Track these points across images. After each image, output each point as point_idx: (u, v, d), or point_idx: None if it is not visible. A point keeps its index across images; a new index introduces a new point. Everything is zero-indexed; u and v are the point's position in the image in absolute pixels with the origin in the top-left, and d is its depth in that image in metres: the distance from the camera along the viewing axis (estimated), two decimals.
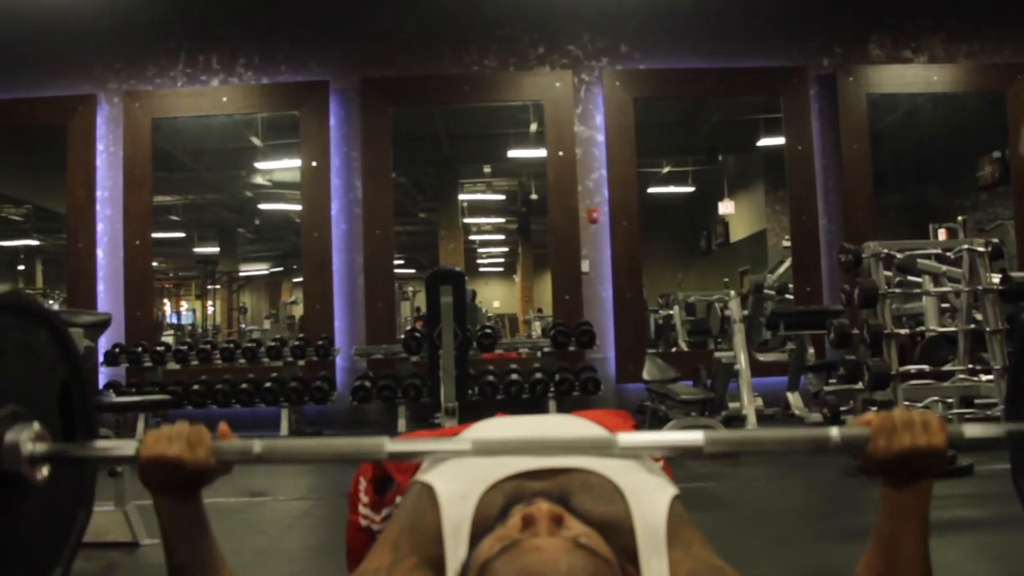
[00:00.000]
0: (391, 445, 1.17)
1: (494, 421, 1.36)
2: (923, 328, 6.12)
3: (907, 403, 4.96)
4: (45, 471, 1.17)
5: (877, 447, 1.12)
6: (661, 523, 1.03)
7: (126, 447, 1.20)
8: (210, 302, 16.28)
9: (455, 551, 0.99)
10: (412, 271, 16.66)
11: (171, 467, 1.13)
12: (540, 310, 14.85)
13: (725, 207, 12.93)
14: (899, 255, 5.37)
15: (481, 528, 1.00)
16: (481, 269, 20.34)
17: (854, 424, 1.17)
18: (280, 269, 17.32)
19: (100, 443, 1.25)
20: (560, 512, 0.95)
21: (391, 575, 1.01)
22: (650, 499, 1.07)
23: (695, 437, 1.16)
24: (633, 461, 1.18)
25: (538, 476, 1.07)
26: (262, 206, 13.79)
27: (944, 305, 6.29)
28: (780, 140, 8.01)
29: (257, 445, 1.21)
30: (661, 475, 1.19)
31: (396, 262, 8.59)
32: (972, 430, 1.25)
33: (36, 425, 1.17)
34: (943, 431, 1.13)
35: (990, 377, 5.24)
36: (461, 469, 1.13)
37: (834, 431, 1.17)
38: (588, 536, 0.94)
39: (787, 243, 8.49)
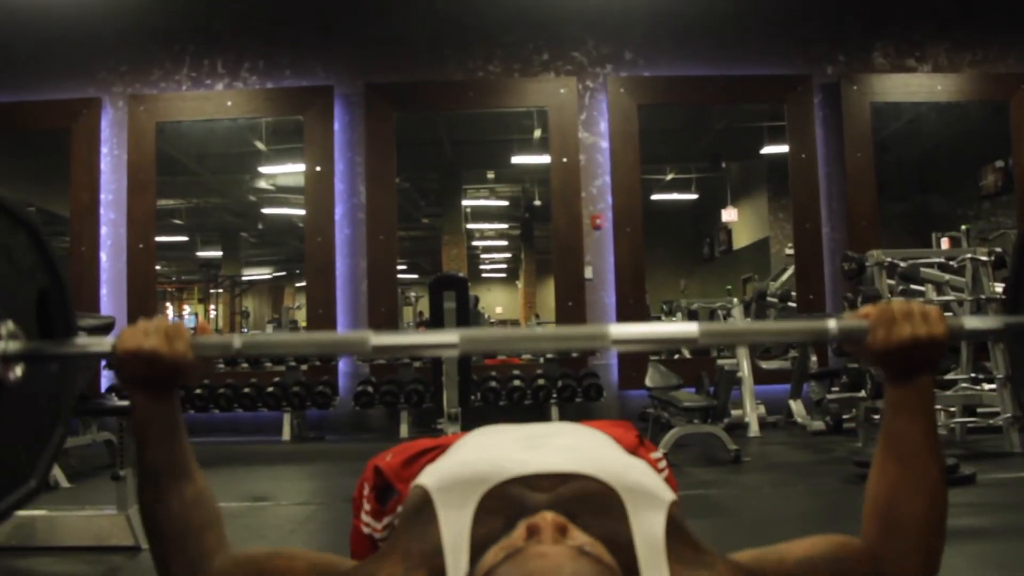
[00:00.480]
0: (375, 339, 1.15)
1: (493, 427, 1.35)
2: None
3: None
4: (19, 371, 1.15)
5: (876, 338, 1.11)
6: (660, 536, 1.02)
7: (103, 343, 1.17)
8: (212, 306, 16.28)
9: (456, 565, 0.98)
10: (415, 276, 16.65)
11: (148, 360, 1.11)
12: (537, 315, 14.86)
13: (728, 214, 12.92)
14: (902, 264, 5.38)
15: (482, 540, 0.99)
16: (484, 275, 20.33)
17: (852, 317, 1.15)
18: (283, 274, 17.32)
19: (77, 340, 1.23)
20: (564, 522, 0.95)
21: None
22: (649, 509, 1.05)
23: (689, 328, 1.14)
24: (634, 462, 1.17)
25: (538, 484, 1.06)
26: (266, 210, 13.79)
27: (947, 314, 6.28)
28: (784, 148, 8.01)
29: (236, 340, 1.18)
30: (660, 479, 1.18)
31: (399, 267, 8.59)
32: (972, 322, 1.24)
33: (10, 323, 1.14)
34: (943, 322, 1.11)
35: (993, 386, 5.23)
36: (458, 471, 1.11)
37: (832, 322, 1.14)
38: (592, 545, 0.93)
39: (790, 251, 8.49)
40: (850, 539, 1.15)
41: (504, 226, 16.98)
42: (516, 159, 10.91)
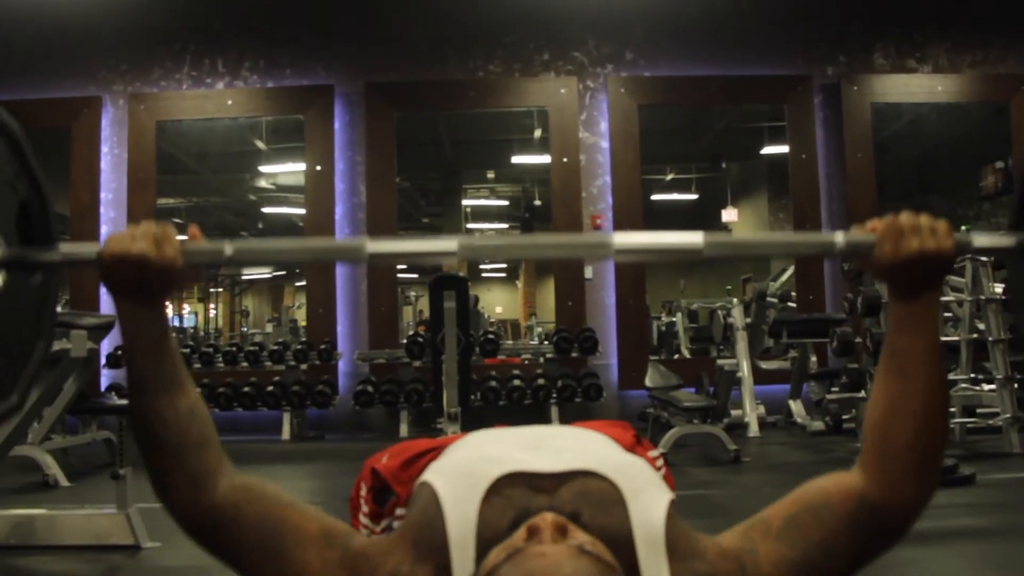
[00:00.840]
0: (372, 245, 1.13)
1: (492, 430, 1.35)
2: None
3: None
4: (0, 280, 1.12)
5: (883, 252, 1.09)
6: (660, 531, 1.02)
7: (88, 250, 1.13)
8: (212, 305, 16.28)
9: (462, 563, 0.98)
10: (415, 276, 16.65)
11: (135, 266, 1.07)
12: (534, 314, 14.86)
13: (728, 214, 12.90)
14: None
15: (487, 538, 0.99)
16: (484, 275, 20.32)
17: (859, 230, 1.13)
18: (283, 273, 17.31)
19: (60, 246, 1.18)
20: (564, 522, 0.94)
21: (413, 574, 1.00)
22: (648, 505, 1.05)
23: (694, 238, 1.12)
24: (634, 460, 1.17)
25: (540, 482, 1.05)
26: (266, 210, 13.77)
27: (947, 315, 6.29)
28: (784, 148, 8.02)
29: (228, 246, 1.15)
30: (658, 477, 1.18)
31: (399, 267, 8.59)
32: (981, 239, 1.21)
33: None
34: (951, 236, 1.10)
35: (992, 387, 5.24)
36: (463, 468, 1.11)
37: (839, 235, 1.13)
38: (592, 543, 0.93)
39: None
40: (835, 479, 1.12)
41: (504, 226, 16.96)
42: (516, 159, 10.91)
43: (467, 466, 1.11)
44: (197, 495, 1.07)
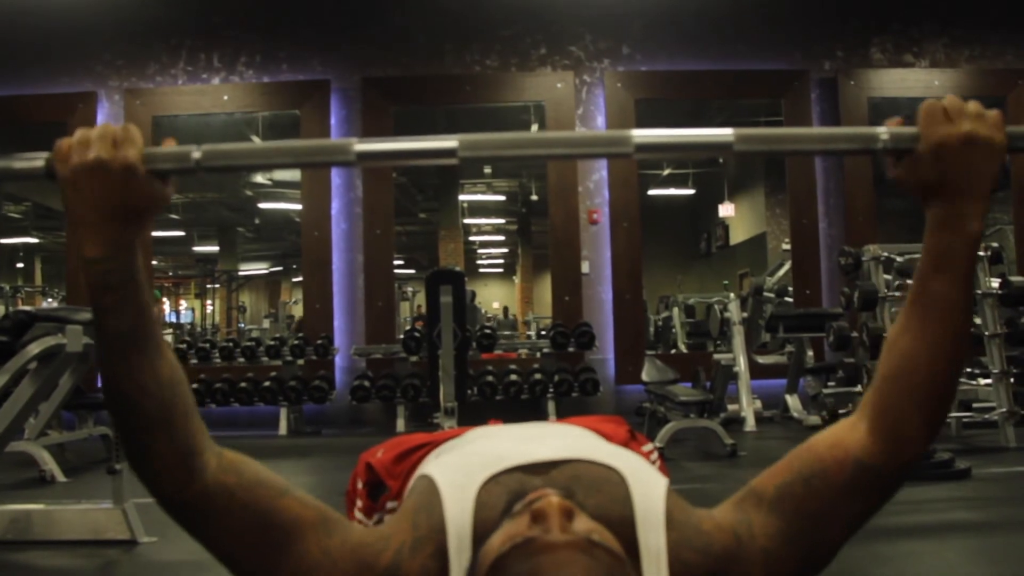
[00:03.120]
0: (360, 145, 1.03)
1: (488, 427, 1.35)
2: None
3: None
4: None
5: (928, 139, 0.99)
6: (660, 507, 1.01)
7: (34, 160, 1.01)
8: (209, 301, 16.27)
9: (459, 549, 0.97)
10: (412, 271, 16.66)
11: (90, 172, 0.94)
12: (529, 313, 14.88)
13: (725, 210, 12.93)
14: (899, 258, 5.38)
15: (483, 522, 0.97)
16: (481, 270, 20.33)
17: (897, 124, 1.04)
18: (280, 268, 17.32)
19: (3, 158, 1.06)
20: (570, 506, 0.92)
21: (413, 557, 0.97)
22: (649, 483, 1.05)
23: (724, 133, 1.03)
24: (627, 453, 1.17)
25: (536, 470, 1.05)
26: (262, 205, 13.78)
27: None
28: None
29: (196, 150, 1.01)
30: (653, 468, 1.18)
31: (396, 262, 8.59)
32: None
33: None
34: (1002, 126, 1.00)
35: (989, 381, 5.25)
36: (460, 460, 1.11)
37: (882, 129, 1.03)
38: (599, 532, 0.91)
39: (787, 246, 8.49)
40: (831, 439, 1.06)
41: (501, 221, 16.98)
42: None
43: (464, 459, 1.10)
44: (186, 476, 0.97)
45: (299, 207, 8.00)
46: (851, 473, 1.02)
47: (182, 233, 14.68)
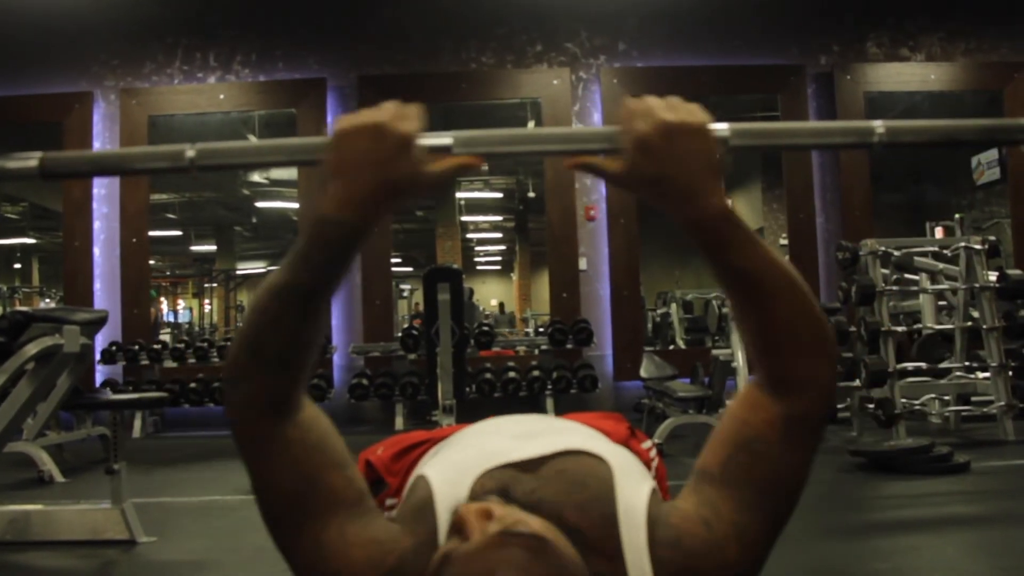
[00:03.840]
0: None
1: (487, 422, 1.34)
2: (920, 326, 6.14)
3: (904, 400, 4.97)
4: None
5: (629, 129, 0.99)
6: (643, 504, 1.02)
7: (28, 158, 1.03)
8: (207, 300, 16.25)
9: None
10: (410, 269, 16.64)
11: (369, 135, 0.98)
12: (527, 310, 14.89)
13: None
14: (896, 253, 5.38)
15: None
16: (479, 267, 20.32)
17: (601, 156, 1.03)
18: (277, 268, 17.30)
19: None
20: (487, 508, 0.92)
21: (416, 560, 0.97)
22: (634, 480, 1.06)
23: (720, 128, 1.03)
24: (621, 450, 1.17)
25: (528, 467, 1.06)
26: (259, 204, 13.77)
27: (941, 303, 6.30)
28: None
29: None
30: (645, 469, 1.18)
31: (393, 260, 8.58)
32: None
33: None
34: (699, 111, 1.01)
35: (987, 374, 5.25)
36: (454, 458, 1.12)
37: (879, 123, 1.04)
38: (516, 521, 0.90)
39: (784, 241, 8.49)
40: (746, 406, 1.06)
41: (499, 218, 16.97)
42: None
43: (459, 457, 1.11)
44: (262, 415, 0.99)
45: (296, 206, 7.99)
46: (783, 428, 1.03)
47: (179, 233, 14.66)
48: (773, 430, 1.03)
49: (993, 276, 5.34)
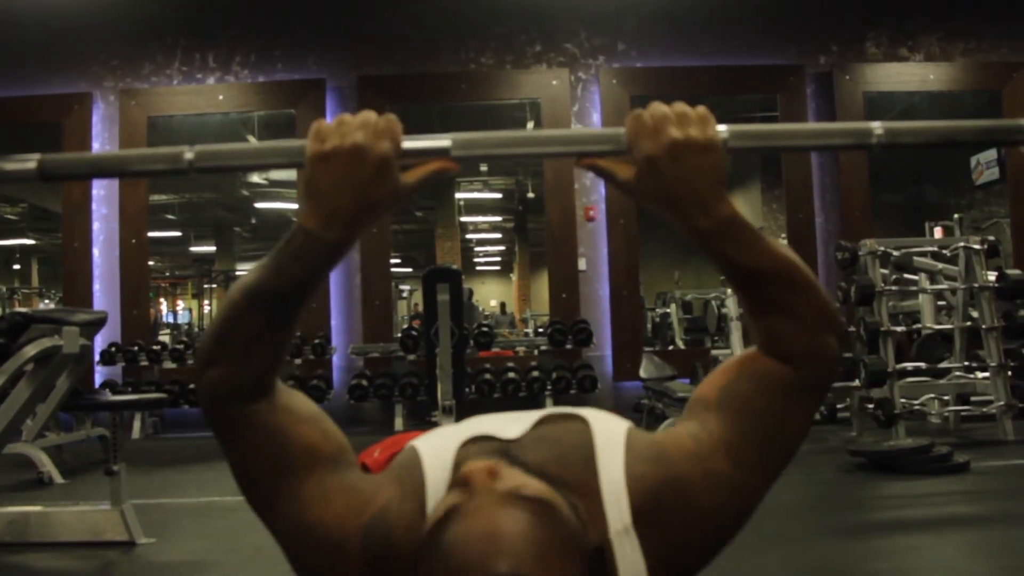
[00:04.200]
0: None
1: (478, 417, 1.36)
2: (919, 326, 6.14)
3: (903, 400, 4.97)
4: None
5: (638, 149, 0.99)
6: (620, 437, 1.03)
7: (27, 160, 1.03)
8: (207, 301, 16.25)
9: (437, 505, 0.99)
10: (409, 270, 16.66)
11: (348, 159, 0.95)
12: (527, 310, 14.87)
13: None
14: (896, 253, 5.38)
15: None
16: (478, 268, 20.33)
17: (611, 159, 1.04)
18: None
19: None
20: (492, 466, 0.92)
21: (400, 509, 0.99)
22: (611, 421, 1.07)
23: (719, 129, 1.02)
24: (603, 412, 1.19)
25: (514, 442, 1.07)
26: (259, 204, 13.77)
27: (940, 303, 6.30)
28: None
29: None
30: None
31: (393, 261, 8.58)
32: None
33: None
34: (708, 122, 1.00)
35: (986, 374, 5.25)
36: (442, 432, 1.13)
37: (876, 124, 1.03)
38: (527, 485, 0.91)
39: (783, 241, 8.50)
40: (754, 354, 1.06)
41: (498, 219, 16.97)
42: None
43: (445, 433, 1.12)
44: (232, 397, 1.00)
45: (296, 207, 7.99)
46: (794, 380, 1.02)
47: (179, 233, 14.67)
48: (784, 377, 1.03)
49: (992, 276, 5.35)
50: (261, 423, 1.01)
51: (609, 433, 1.04)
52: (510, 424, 1.12)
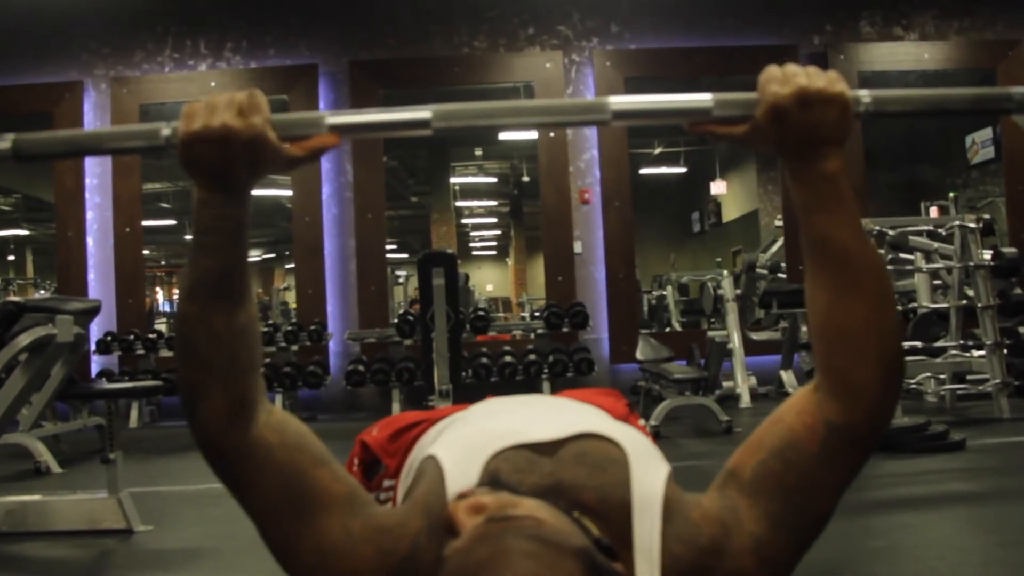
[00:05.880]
0: (332, 118, 1.03)
1: (494, 401, 1.32)
2: (915, 305, 6.14)
3: None
4: None
5: (766, 93, 1.00)
6: (658, 495, 0.99)
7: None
8: None
9: None
10: (405, 255, 16.63)
11: (217, 142, 0.96)
12: (523, 294, 14.87)
13: (717, 187, 12.93)
14: (891, 232, 5.38)
15: None
16: (474, 252, 20.30)
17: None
18: (272, 255, 17.28)
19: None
20: (476, 502, 0.89)
21: (430, 544, 0.94)
22: (651, 469, 1.02)
23: (703, 98, 1.04)
24: (631, 429, 1.16)
25: (545, 449, 1.03)
26: (252, 191, 13.71)
27: (936, 282, 6.31)
28: None
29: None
30: (656, 449, 1.17)
31: (388, 246, 8.57)
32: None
33: None
34: (838, 79, 1.00)
35: (982, 353, 5.26)
36: (466, 437, 1.09)
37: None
38: (509, 505, 0.88)
39: (780, 222, 8.49)
40: (795, 408, 1.04)
41: (493, 203, 16.95)
42: (503, 135, 10.86)
43: (471, 436, 1.08)
44: (231, 424, 0.98)
45: (289, 193, 7.97)
46: (823, 437, 1.00)
47: (174, 222, 14.60)
48: (813, 438, 1.00)
49: (988, 254, 5.35)
50: (273, 462, 0.98)
51: (647, 485, 1.00)
52: (538, 422, 1.09)
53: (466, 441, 1.08)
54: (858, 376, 0.99)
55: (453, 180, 13.83)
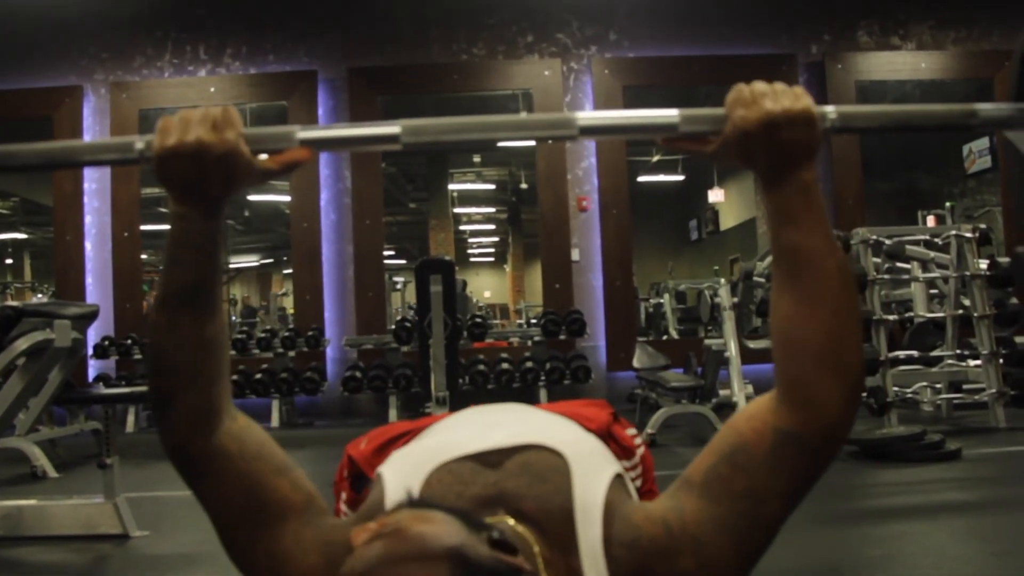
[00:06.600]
0: (302, 133, 1.05)
1: (461, 413, 1.34)
2: (912, 314, 6.14)
3: (896, 388, 4.99)
4: None
5: (733, 116, 1.01)
6: (599, 501, 1.00)
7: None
8: None
9: None
10: (403, 262, 16.62)
11: (191, 156, 0.98)
12: (521, 301, 14.86)
13: (715, 195, 12.93)
14: (888, 241, 5.39)
15: None
16: (472, 259, 20.30)
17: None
18: (270, 260, 17.27)
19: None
20: (370, 527, 0.87)
21: None
22: (591, 472, 1.03)
23: (670, 114, 1.04)
24: (589, 438, 1.16)
25: (488, 459, 1.05)
26: (251, 197, 13.71)
27: (932, 291, 6.32)
28: None
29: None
30: (610, 454, 1.17)
31: (386, 252, 8.57)
32: (985, 110, 1.05)
33: None
34: (806, 95, 1.02)
35: (978, 362, 5.26)
36: (412, 453, 1.12)
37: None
38: (386, 523, 0.86)
39: None
40: (748, 414, 1.03)
41: (491, 210, 16.96)
42: (502, 142, 10.85)
43: (416, 454, 1.11)
44: (195, 431, 1.02)
45: (288, 199, 7.98)
46: (772, 443, 0.99)
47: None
48: (761, 443, 0.99)
49: (984, 264, 5.36)
50: (233, 470, 1.02)
51: (589, 492, 1.01)
52: (484, 431, 1.11)
53: (412, 457, 1.10)
54: (814, 385, 0.99)
55: (451, 187, 13.83)
